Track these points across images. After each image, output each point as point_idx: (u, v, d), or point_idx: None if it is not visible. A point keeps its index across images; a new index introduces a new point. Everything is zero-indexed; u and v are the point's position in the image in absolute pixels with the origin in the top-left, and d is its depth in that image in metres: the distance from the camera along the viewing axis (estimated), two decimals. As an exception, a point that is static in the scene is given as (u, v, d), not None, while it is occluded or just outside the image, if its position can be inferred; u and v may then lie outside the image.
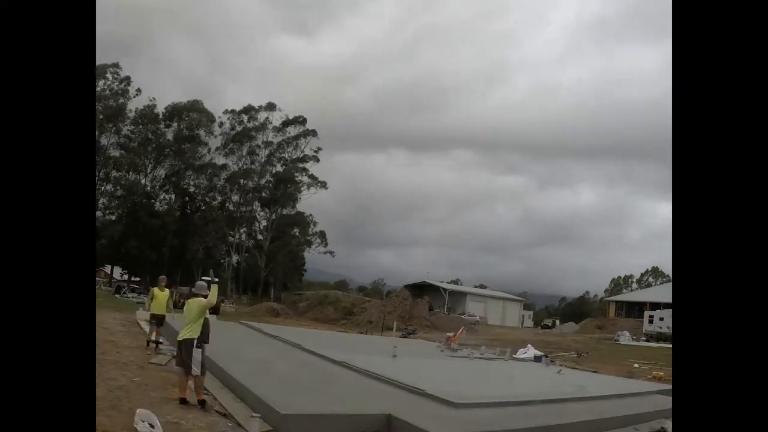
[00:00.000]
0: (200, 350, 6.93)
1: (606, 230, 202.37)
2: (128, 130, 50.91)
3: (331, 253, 59.79)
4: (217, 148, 55.26)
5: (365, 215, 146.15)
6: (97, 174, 45.76)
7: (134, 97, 50.38)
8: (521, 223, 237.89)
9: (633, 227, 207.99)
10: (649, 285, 78.06)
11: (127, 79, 50.23)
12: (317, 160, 57.23)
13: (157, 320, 12.23)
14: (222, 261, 57.89)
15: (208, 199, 57.19)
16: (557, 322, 63.28)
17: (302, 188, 57.62)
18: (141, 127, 51.18)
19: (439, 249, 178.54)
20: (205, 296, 7.24)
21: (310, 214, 59.28)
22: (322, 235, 59.87)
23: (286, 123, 56.95)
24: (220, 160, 55.77)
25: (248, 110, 56.80)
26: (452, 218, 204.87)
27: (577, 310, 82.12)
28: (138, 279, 51.66)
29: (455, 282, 78.52)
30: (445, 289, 62.53)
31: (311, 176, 57.35)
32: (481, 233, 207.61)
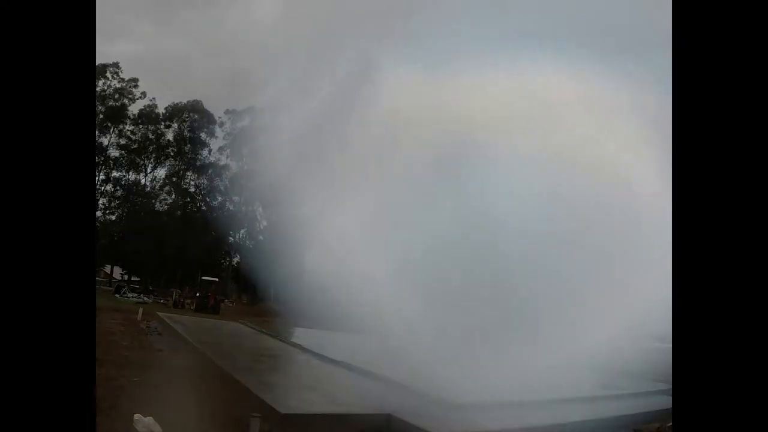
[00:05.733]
0: None
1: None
2: (128, 130, 50.82)
3: None
4: (220, 148, 55.11)
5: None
6: (97, 174, 45.76)
7: (138, 98, 50.28)
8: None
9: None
10: (649, 285, 77.86)
11: (134, 81, 50.01)
12: None
13: None
14: (222, 261, 57.79)
15: (209, 199, 57.07)
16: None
17: None
18: (141, 126, 51.09)
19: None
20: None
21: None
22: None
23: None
24: (222, 160, 55.63)
25: (251, 110, 56.55)
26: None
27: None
28: (138, 279, 51.60)
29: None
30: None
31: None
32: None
